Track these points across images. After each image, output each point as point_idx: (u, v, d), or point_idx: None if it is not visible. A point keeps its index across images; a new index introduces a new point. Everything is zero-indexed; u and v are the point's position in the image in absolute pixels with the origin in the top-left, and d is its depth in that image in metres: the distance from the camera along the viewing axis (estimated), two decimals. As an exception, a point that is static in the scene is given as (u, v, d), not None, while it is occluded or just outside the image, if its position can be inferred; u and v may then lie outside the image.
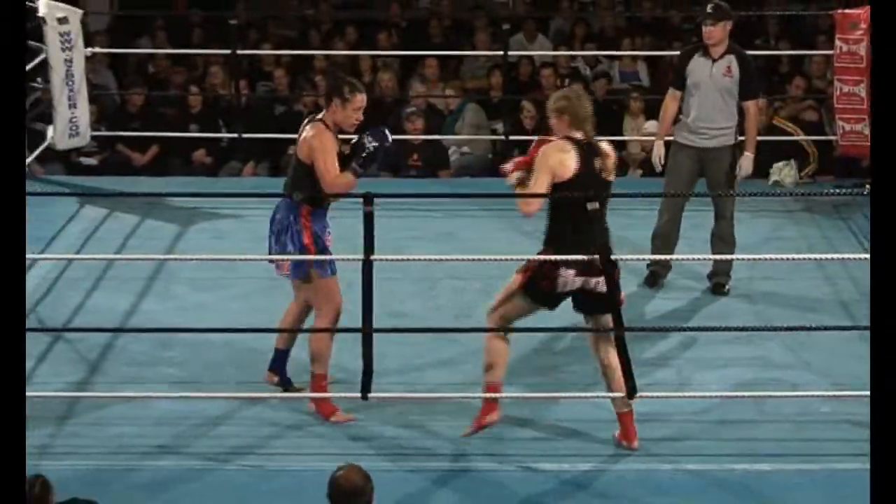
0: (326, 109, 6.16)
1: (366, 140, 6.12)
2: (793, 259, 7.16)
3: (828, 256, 7.58)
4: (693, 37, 8.43)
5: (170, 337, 6.97)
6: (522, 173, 5.95)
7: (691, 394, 6.47)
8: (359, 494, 4.23)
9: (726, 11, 7.68)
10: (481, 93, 11.36)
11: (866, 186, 8.75)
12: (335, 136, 6.14)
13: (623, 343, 5.89)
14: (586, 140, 5.92)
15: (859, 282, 7.69)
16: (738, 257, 7.66)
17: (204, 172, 10.54)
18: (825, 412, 6.33)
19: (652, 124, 9.86)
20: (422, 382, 6.66)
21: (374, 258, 5.84)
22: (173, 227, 8.82)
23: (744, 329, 6.78)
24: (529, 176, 5.92)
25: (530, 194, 5.87)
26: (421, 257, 6.87)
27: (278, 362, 6.49)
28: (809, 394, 6.38)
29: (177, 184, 9.55)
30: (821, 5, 12.86)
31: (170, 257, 8.22)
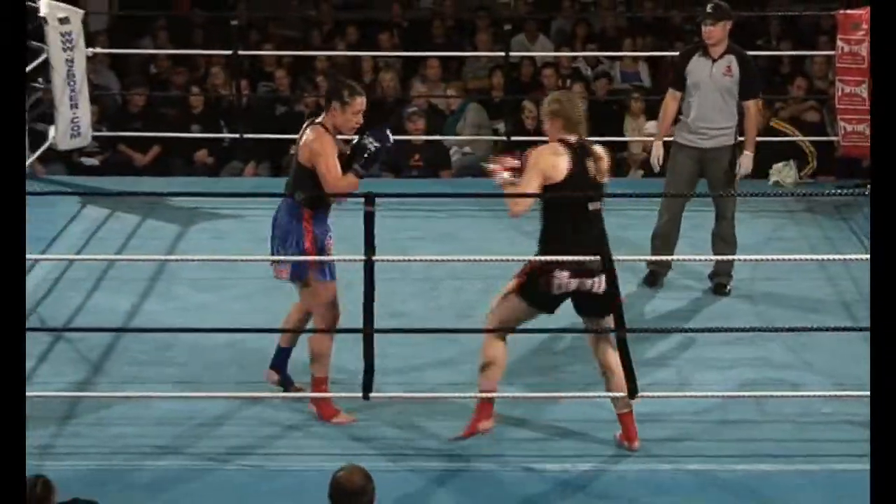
0: (326, 113, 6.16)
1: (367, 141, 6.11)
2: (794, 259, 7.14)
3: (829, 257, 7.57)
4: (695, 37, 8.42)
5: (171, 337, 6.98)
6: (510, 174, 5.95)
7: (692, 394, 6.47)
8: (360, 494, 4.23)
9: (726, 11, 7.68)
10: (483, 93, 11.36)
11: (868, 187, 8.75)
12: (335, 138, 6.14)
13: (625, 343, 5.89)
14: (579, 142, 5.92)
15: (861, 282, 7.69)
16: (739, 258, 7.66)
17: (205, 173, 10.54)
18: (826, 413, 6.32)
19: (653, 125, 9.84)
20: (423, 382, 6.66)
21: (376, 258, 5.85)
22: (174, 228, 8.83)
23: (745, 329, 6.78)
24: (518, 176, 5.92)
25: (521, 194, 5.86)
26: (422, 258, 6.88)
27: (279, 360, 6.49)
28: (811, 394, 6.38)
29: (178, 184, 9.54)
30: (822, 6, 12.85)
31: (171, 258, 8.22)
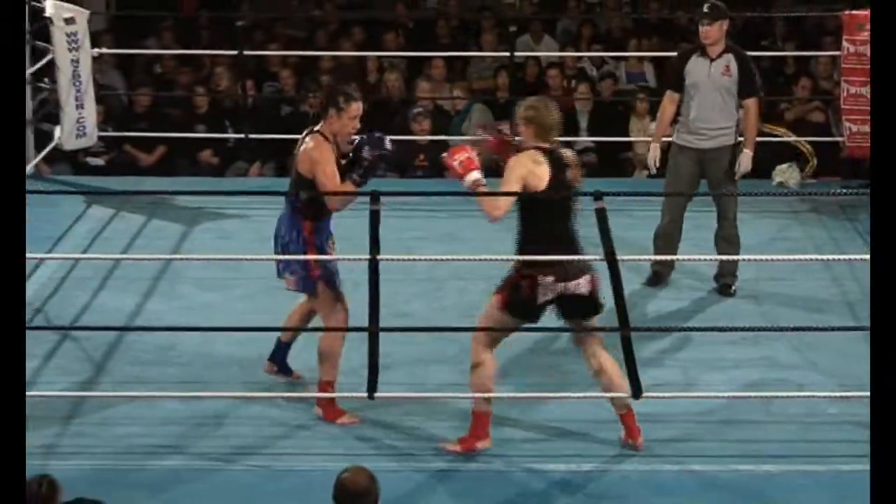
0: (324, 121, 6.20)
1: (363, 152, 6.14)
2: (799, 260, 7.14)
3: (834, 257, 7.57)
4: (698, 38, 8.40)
5: (176, 336, 6.98)
6: (480, 175, 5.91)
7: (697, 394, 6.47)
8: (364, 496, 4.23)
9: (722, 11, 7.67)
10: (488, 93, 11.35)
11: (872, 187, 8.74)
12: (335, 146, 6.17)
13: (629, 343, 5.88)
14: (554, 149, 5.92)
15: (865, 282, 7.63)
16: (744, 258, 7.65)
17: (210, 173, 10.54)
18: (832, 413, 6.32)
19: (657, 126, 9.83)
20: (427, 383, 6.66)
21: (381, 258, 5.86)
22: (179, 227, 8.83)
23: (750, 329, 6.77)
24: (477, 165, 5.89)
25: (500, 193, 5.83)
26: (426, 257, 6.88)
27: (279, 354, 6.57)
28: (816, 394, 6.37)
29: (183, 184, 9.55)
30: (827, 6, 12.84)
31: (176, 257, 8.23)
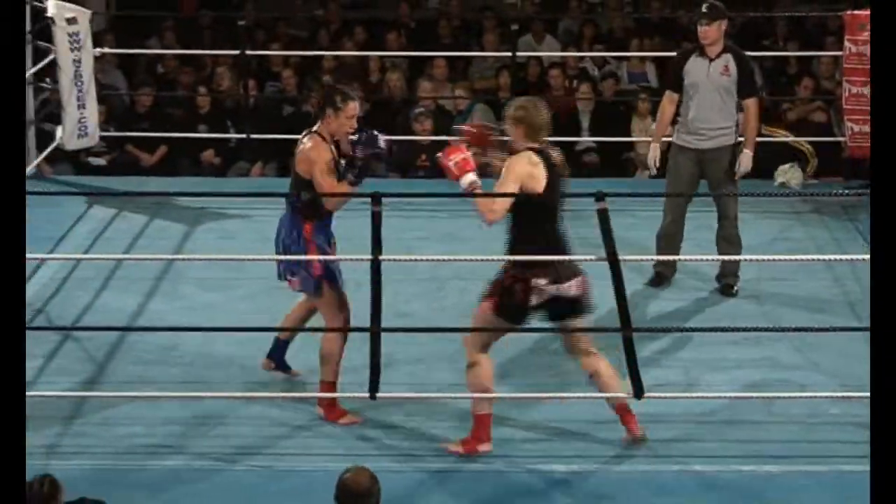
0: (321, 121, 6.22)
1: (357, 152, 6.15)
2: (801, 260, 7.14)
3: (836, 257, 7.56)
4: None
5: (177, 336, 6.98)
6: (476, 177, 5.90)
7: (699, 394, 6.46)
8: (366, 496, 4.23)
9: (721, 11, 7.67)
10: (489, 93, 11.35)
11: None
12: (332, 146, 6.18)
13: (631, 343, 5.89)
14: (544, 150, 5.92)
15: (867, 283, 7.64)
16: (746, 258, 7.65)
17: (212, 173, 10.55)
18: (834, 414, 6.31)
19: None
20: (429, 383, 6.66)
21: (383, 258, 5.86)
22: (181, 227, 8.83)
23: (752, 330, 6.77)
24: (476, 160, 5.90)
25: (497, 194, 5.84)
26: (428, 258, 6.88)
27: (277, 352, 6.60)
28: (818, 395, 6.37)
29: (185, 184, 9.54)
30: (829, 6, 12.84)
31: (178, 257, 8.22)
